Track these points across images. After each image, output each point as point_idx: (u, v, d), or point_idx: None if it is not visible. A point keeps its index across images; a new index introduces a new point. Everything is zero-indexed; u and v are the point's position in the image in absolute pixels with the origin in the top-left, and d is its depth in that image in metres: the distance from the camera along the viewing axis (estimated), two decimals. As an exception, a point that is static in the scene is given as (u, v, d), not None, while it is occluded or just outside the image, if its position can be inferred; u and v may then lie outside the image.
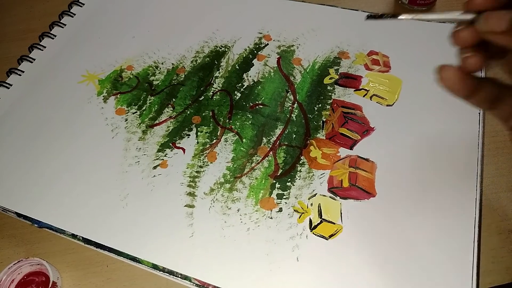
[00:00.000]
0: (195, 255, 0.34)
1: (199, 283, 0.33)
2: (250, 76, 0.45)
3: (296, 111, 0.42)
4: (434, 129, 0.39)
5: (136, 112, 0.43)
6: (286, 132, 0.40)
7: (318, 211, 0.35)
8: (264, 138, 0.40)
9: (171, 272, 0.34)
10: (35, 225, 0.37)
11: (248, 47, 0.47)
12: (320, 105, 0.42)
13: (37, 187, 0.39)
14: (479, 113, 0.39)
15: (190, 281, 0.33)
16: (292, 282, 0.33)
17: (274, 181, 0.37)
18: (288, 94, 0.43)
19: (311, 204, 0.36)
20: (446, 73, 0.23)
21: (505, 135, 0.39)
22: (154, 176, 0.39)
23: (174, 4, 0.52)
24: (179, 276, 0.34)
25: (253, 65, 0.46)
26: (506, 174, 0.38)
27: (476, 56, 0.22)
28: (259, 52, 0.47)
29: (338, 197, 0.36)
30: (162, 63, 0.47)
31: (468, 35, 0.22)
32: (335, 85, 0.43)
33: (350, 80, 0.43)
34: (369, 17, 0.26)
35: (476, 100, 0.23)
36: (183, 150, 0.40)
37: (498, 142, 0.39)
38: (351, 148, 0.38)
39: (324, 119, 0.41)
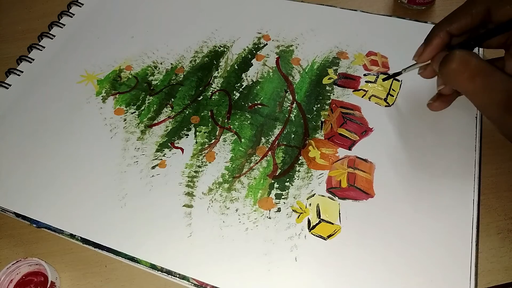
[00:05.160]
0: (194, 255, 0.34)
1: (197, 283, 0.33)
2: (249, 76, 0.45)
3: (295, 111, 0.42)
4: (432, 129, 0.38)
5: (134, 112, 0.43)
6: (284, 132, 0.40)
7: (317, 211, 0.35)
8: (262, 138, 0.40)
9: (169, 272, 0.34)
10: (34, 225, 0.37)
11: (247, 47, 0.47)
12: (318, 105, 0.42)
13: (35, 187, 0.39)
14: (476, 115, 0.39)
15: (188, 281, 0.33)
16: (290, 282, 0.33)
17: (272, 181, 0.37)
18: (287, 94, 0.43)
19: (310, 204, 0.36)
20: (432, 108, 0.36)
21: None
22: (153, 176, 0.39)
23: (173, 4, 0.52)
24: (177, 276, 0.34)
25: (252, 65, 0.46)
26: (506, 174, 0.38)
27: (437, 100, 0.35)
28: (258, 52, 0.47)
29: (337, 198, 0.36)
30: (161, 63, 0.47)
31: (430, 72, 0.34)
32: (334, 85, 0.43)
33: (348, 81, 0.43)
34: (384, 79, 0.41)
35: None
36: (182, 150, 0.40)
37: (497, 142, 0.39)
38: (349, 149, 0.38)
39: (323, 119, 0.41)
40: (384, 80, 0.41)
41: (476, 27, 0.31)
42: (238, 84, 0.44)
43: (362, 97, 0.42)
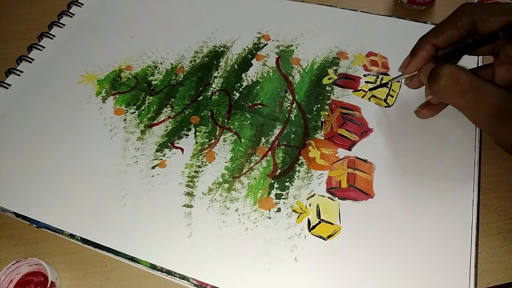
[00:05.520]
0: (193, 255, 0.34)
1: (197, 283, 0.33)
2: (249, 76, 0.45)
3: (295, 111, 0.42)
4: (432, 129, 0.38)
5: (134, 112, 0.43)
6: (284, 132, 0.40)
7: (317, 211, 0.35)
8: (262, 138, 0.40)
9: (169, 272, 0.34)
10: (34, 225, 0.37)
11: (247, 47, 0.47)
12: (318, 105, 0.42)
13: (35, 187, 0.39)
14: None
15: (188, 281, 0.33)
16: (290, 282, 0.33)
17: (272, 181, 0.37)
18: (287, 94, 0.43)
19: (310, 204, 0.36)
20: (420, 115, 0.36)
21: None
22: (153, 176, 0.39)
23: (173, 4, 0.52)
24: (177, 276, 0.34)
25: (252, 65, 0.46)
26: (506, 174, 0.38)
27: (425, 108, 0.35)
28: (258, 52, 0.47)
29: (337, 198, 0.36)
30: (161, 63, 0.47)
31: (416, 83, 0.35)
32: (334, 86, 0.43)
33: (348, 81, 0.43)
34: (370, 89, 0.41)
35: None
36: (182, 150, 0.40)
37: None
38: (349, 149, 0.38)
39: (323, 120, 0.41)
40: (370, 90, 0.41)
41: (462, 39, 0.31)
42: (238, 84, 0.44)
43: (362, 97, 0.42)
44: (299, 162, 0.38)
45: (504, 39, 0.30)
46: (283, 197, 0.37)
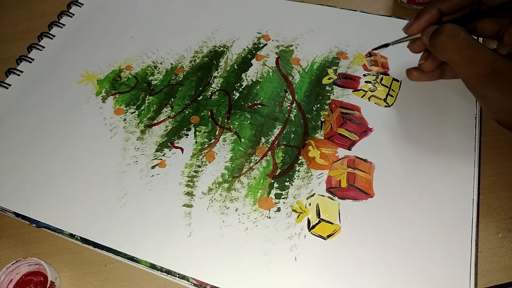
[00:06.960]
0: (193, 254, 0.34)
1: (197, 283, 0.33)
2: (248, 76, 0.45)
3: (295, 111, 0.42)
4: (431, 129, 0.38)
5: (134, 112, 0.44)
6: (284, 132, 0.40)
7: (317, 211, 0.35)
8: (262, 138, 0.40)
9: (169, 272, 0.34)
10: (34, 225, 0.37)
11: (247, 47, 0.47)
12: (318, 105, 0.42)
13: (35, 187, 0.39)
14: (476, 115, 0.39)
15: (188, 280, 0.33)
16: (290, 282, 0.33)
17: (272, 181, 0.37)
18: (286, 94, 0.43)
19: (310, 204, 0.36)
20: (410, 76, 0.38)
21: (505, 134, 0.39)
22: (153, 175, 0.39)
23: (173, 4, 0.52)
24: (177, 275, 0.34)
25: (252, 65, 0.46)
26: (506, 174, 0.38)
27: (427, 61, 0.36)
28: (257, 52, 0.47)
29: (336, 197, 0.36)
30: (161, 63, 0.47)
31: (418, 46, 0.36)
32: (334, 86, 0.43)
33: (348, 81, 0.43)
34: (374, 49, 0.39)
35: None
36: (182, 150, 0.40)
37: (497, 141, 0.39)
38: (349, 149, 0.38)
39: (323, 119, 0.41)
40: (373, 50, 0.40)
41: (467, 6, 0.33)
42: (238, 84, 0.44)
43: (362, 97, 0.42)
44: (299, 162, 0.38)
45: (510, 19, 0.32)
46: (283, 196, 0.37)
